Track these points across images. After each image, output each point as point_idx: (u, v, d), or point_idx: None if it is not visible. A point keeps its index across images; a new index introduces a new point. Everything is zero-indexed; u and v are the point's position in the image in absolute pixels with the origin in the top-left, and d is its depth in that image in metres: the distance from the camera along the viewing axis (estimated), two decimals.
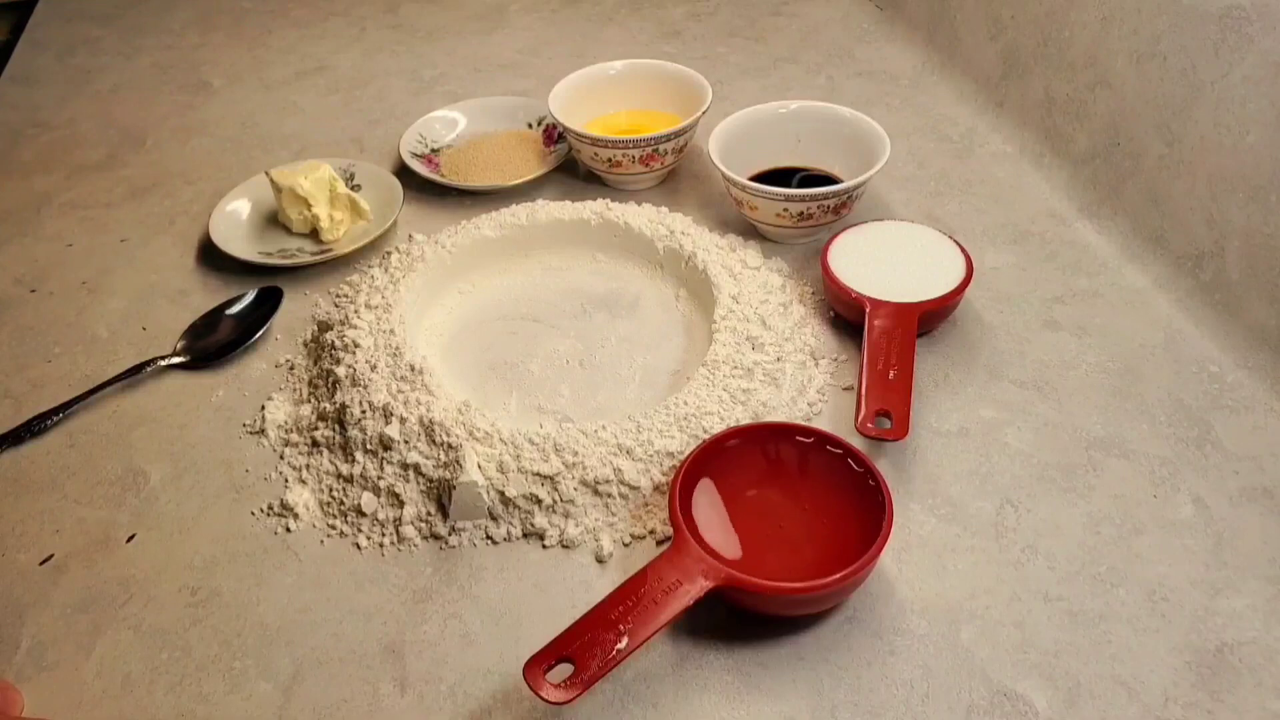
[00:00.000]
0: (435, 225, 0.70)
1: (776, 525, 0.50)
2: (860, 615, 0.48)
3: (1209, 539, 0.50)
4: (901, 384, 0.55)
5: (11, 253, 0.74)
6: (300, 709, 0.46)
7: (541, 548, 0.52)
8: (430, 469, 0.53)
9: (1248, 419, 0.56)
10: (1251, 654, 0.45)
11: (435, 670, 0.47)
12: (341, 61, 0.98)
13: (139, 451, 0.58)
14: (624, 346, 0.63)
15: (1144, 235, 0.66)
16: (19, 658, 0.48)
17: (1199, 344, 0.61)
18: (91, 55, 1.01)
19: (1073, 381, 0.59)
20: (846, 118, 0.71)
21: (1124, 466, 0.54)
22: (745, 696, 0.45)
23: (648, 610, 0.44)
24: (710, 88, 0.75)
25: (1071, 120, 0.73)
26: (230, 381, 0.63)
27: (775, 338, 0.59)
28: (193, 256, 0.73)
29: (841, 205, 0.67)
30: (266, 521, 0.54)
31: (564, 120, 0.74)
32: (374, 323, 0.60)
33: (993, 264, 0.67)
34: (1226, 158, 0.60)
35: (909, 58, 0.92)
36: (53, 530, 0.54)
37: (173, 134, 0.88)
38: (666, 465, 0.53)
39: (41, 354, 0.65)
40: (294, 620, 0.49)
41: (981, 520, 0.52)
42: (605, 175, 0.76)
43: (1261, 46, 0.58)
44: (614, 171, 0.75)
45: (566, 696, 0.42)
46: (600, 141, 0.72)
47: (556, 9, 1.05)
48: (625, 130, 0.77)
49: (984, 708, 0.44)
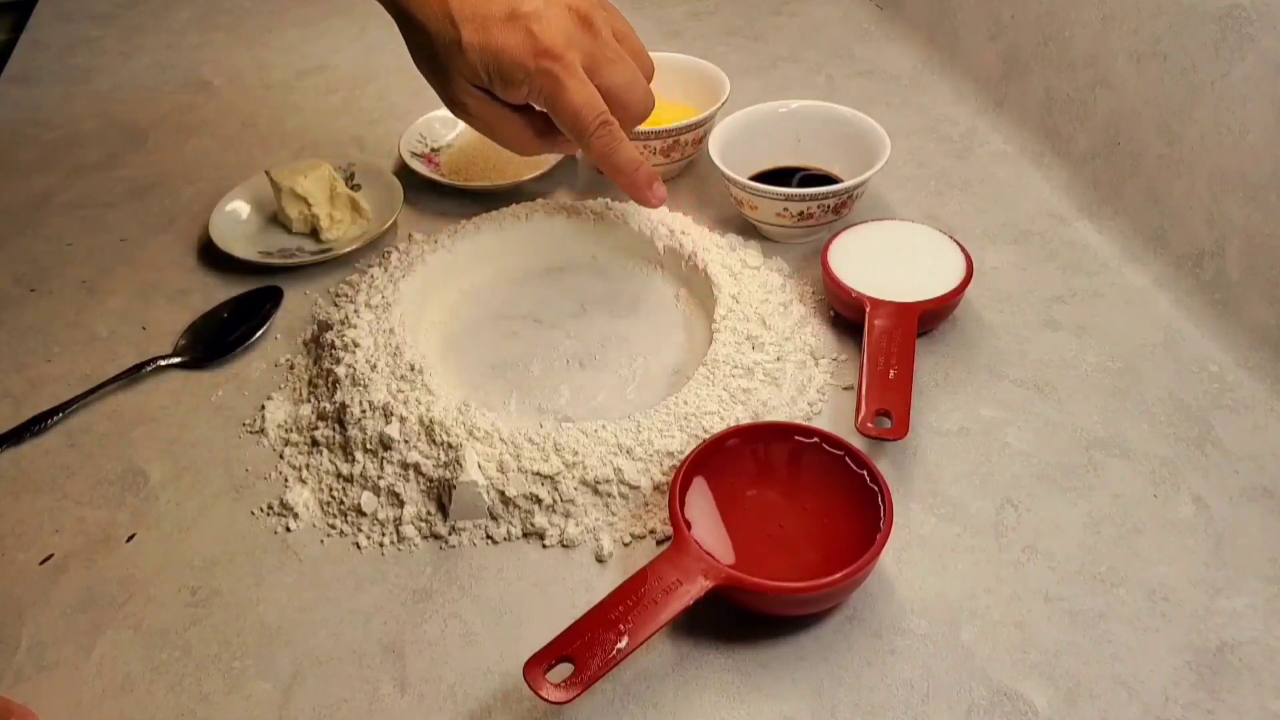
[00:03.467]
0: (435, 225, 0.70)
1: (776, 525, 0.50)
2: (860, 615, 0.48)
3: (1209, 539, 0.50)
4: (901, 384, 0.55)
5: (11, 252, 0.74)
6: (300, 709, 0.46)
7: (541, 547, 0.52)
8: (430, 468, 0.53)
9: (1248, 419, 0.56)
10: (1251, 654, 0.46)
11: (435, 670, 0.47)
12: (342, 61, 0.98)
13: (139, 451, 0.58)
14: (624, 346, 0.63)
15: (1144, 235, 0.66)
16: (19, 658, 0.48)
17: (1199, 344, 0.61)
18: (91, 55, 1.01)
19: (1073, 381, 0.59)
20: (846, 117, 0.71)
21: (1124, 466, 0.54)
22: (745, 696, 0.45)
23: (648, 610, 0.44)
24: (728, 80, 0.76)
25: (1072, 120, 0.73)
26: (230, 381, 0.63)
27: (775, 337, 0.59)
28: (193, 256, 0.73)
29: (841, 205, 0.67)
30: (266, 521, 0.54)
31: None
32: (374, 322, 0.60)
33: (993, 264, 0.67)
34: (1227, 157, 0.60)
35: (909, 57, 0.91)
36: (53, 530, 0.54)
37: (173, 134, 0.88)
38: (666, 465, 0.53)
39: (41, 354, 0.65)
40: (294, 620, 0.49)
41: (981, 520, 0.52)
42: None
43: (1261, 46, 0.58)
44: None
45: (566, 696, 0.42)
46: None
47: None
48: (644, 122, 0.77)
49: (984, 707, 0.44)
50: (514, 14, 0.54)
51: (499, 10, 0.55)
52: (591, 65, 0.56)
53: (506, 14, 0.54)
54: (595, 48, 0.57)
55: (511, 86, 0.56)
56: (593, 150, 0.58)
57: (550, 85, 0.55)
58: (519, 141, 0.61)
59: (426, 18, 0.55)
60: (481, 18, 0.54)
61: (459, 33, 0.54)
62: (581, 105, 0.56)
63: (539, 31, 0.54)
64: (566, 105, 0.56)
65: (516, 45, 0.54)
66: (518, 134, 0.60)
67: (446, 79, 0.57)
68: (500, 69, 0.55)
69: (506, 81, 0.56)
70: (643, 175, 0.60)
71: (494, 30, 0.54)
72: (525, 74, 0.55)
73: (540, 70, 0.55)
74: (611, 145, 0.58)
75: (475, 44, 0.54)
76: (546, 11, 0.55)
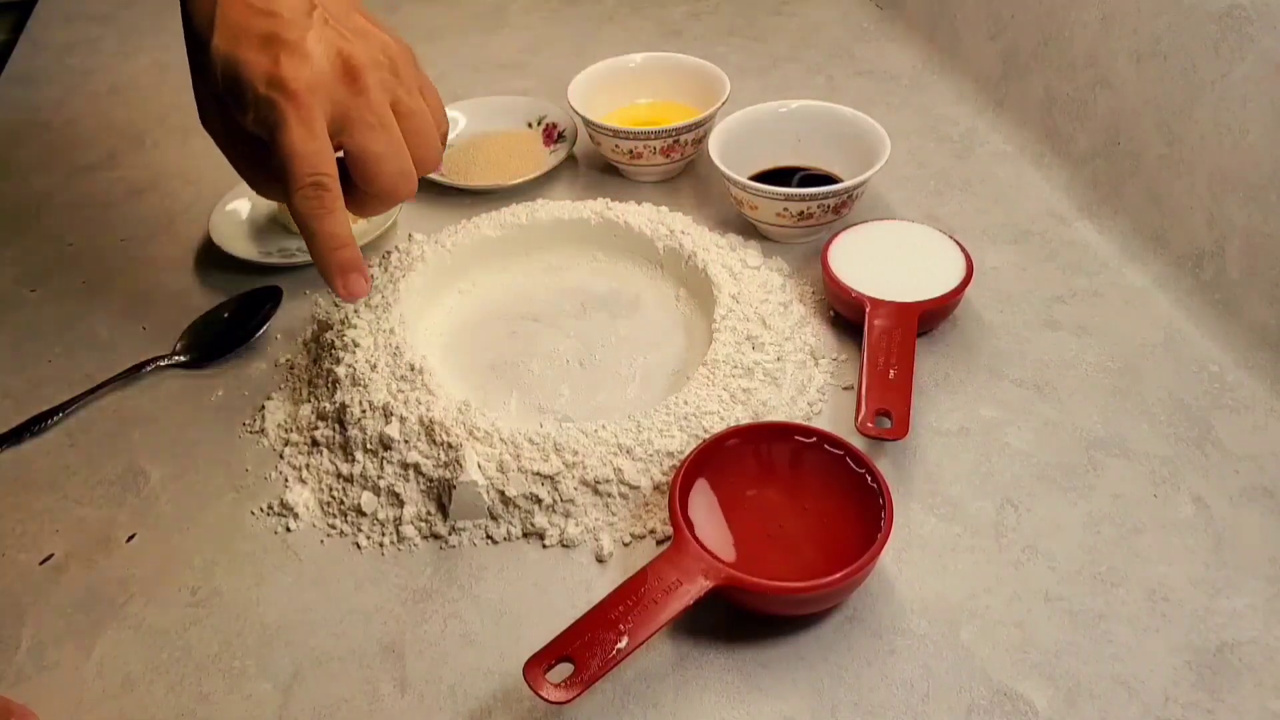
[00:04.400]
0: (435, 225, 0.70)
1: (776, 525, 0.50)
2: (860, 615, 0.48)
3: (1209, 539, 0.50)
4: (901, 383, 0.55)
5: (11, 252, 0.74)
6: (300, 709, 0.46)
7: (541, 547, 0.52)
8: (430, 468, 0.53)
9: (1248, 419, 0.56)
10: (1251, 654, 0.46)
11: (435, 670, 0.47)
12: None
13: (139, 451, 0.58)
14: (624, 346, 0.63)
15: (1144, 235, 0.66)
16: (19, 658, 0.48)
17: (1199, 344, 0.61)
18: (91, 55, 1.01)
19: (1073, 381, 0.59)
20: (846, 117, 0.71)
21: (1124, 466, 0.54)
22: (745, 696, 0.45)
23: (648, 610, 0.44)
24: (728, 79, 0.76)
25: (1072, 120, 0.73)
26: (230, 381, 0.63)
27: (775, 337, 0.59)
28: (193, 256, 0.73)
29: (841, 205, 0.67)
30: (266, 521, 0.54)
31: (584, 112, 0.74)
32: (374, 322, 0.60)
33: (993, 264, 0.67)
34: (1227, 157, 0.60)
35: (909, 57, 0.91)
36: (53, 530, 0.54)
37: (172, 134, 0.87)
38: (666, 465, 0.53)
39: (41, 354, 0.65)
40: (294, 620, 0.49)
41: (981, 520, 0.52)
42: (624, 167, 0.76)
43: (1261, 46, 0.58)
44: (634, 163, 0.75)
45: (566, 696, 0.42)
46: (622, 133, 0.73)
47: (557, 8, 1.05)
48: (645, 122, 0.77)
49: (984, 707, 0.44)
50: (271, 38, 0.49)
51: (259, 29, 0.49)
52: (342, 123, 0.50)
53: (264, 35, 0.49)
54: (352, 106, 0.50)
55: (239, 107, 0.50)
56: (295, 209, 0.50)
57: (273, 120, 0.48)
58: (243, 173, 0.56)
59: (195, 11, 0.51)
60: (239, 29, 0.49)
61: (212, 36, 0.50)
62: (298, 154, 0.48)
63: (284, 62, 0.48)
64: (282, 148, 0.49)
65: (255, 66, 0.49)
66: (242, 165, 0.55)
67: (195, 80, 0.53)
68: (233, 84, 0.49)
69: (235, 99, 0.50)
70: (338, 259, 0.52)
71: (243, 45, 0.49)
72: (253, 98, 0.49)
73: (266, 99, 0.48)
74: (316, 210, 0.50)
75: (220, 51, 0.49)
76: (309, 49, 0.49)
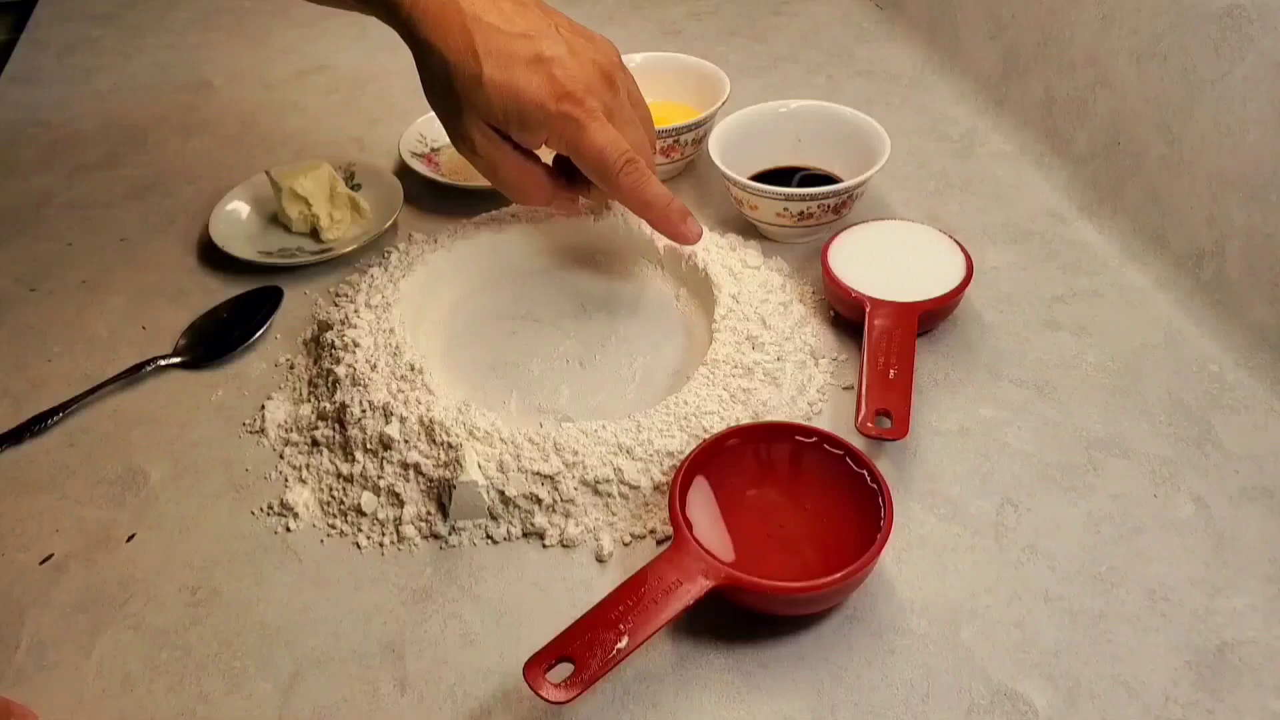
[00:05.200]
0: (435, 225, 0.70)
1: (776, 524, 0.50)
2: (860, 615, 0.48)
3: (1209, 539, 0.50)
4: (901, 383, 0.55)
5: (11, 252, 0.74)
6: (300, 709, 0.46)
7: (541, 547, 0.52)
8: (430, 468, 0.53)
9: (1248, 419, 0.56)
10: (1251, 654, 0.46)
11: (435, 670, 0.47)
12: (342, 61, 0.98)
13: (139, 451, 0.58)
14: (624, 346, 0.63)
15: (1144, 235, 0.66)
16: (19, 658, 0.48)
17: (1199, 344, 0.61)
18: (91, 55, 1.01)
19: (1073, 381, 0.59)
20: (846, 117, 0.71)
21: (1124, 466, 0.54)
22: (745, 696, 0.45)
23: (648, 610, 0.44)
24: (728, 79, 0.76)
25: (1072, 120, 0.73)
26: (230, 381, 0.63)
27: (775, 337, 0.59)
28: (193, 256, 0.73)
29: (841, 205, 0.67)
30: (266, 521, 0.54)
31: None
32: (374, 322, 0.60)
33: (993, 264, 0.67)
34: (1227, 157, 0.60)
35: (909, 57, 0.91)
36: (53, 530, 0.54)
37: (173, 134, 0.88)
38: (666, 465, 0.53)
39: (41, 353, 0.65)
40: (294, 620, 0.49)
41: (981, 520, 0.52)
42: None
43: (1261, 46, 0.58)
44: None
45: (566, 696, 0.42)
46: None
47: (556, 8, 1.05)
48: None
49: (984, 707, 0.44)
50: (539, 57, 0.54)
51: (524, 51, 0.54)
52: (610, 118, 0.56)
53: (531, 56, 0.54)
54: (614, 104, 0.57)
55: (529, 129, 0.56)
56: (621, 189, 0.57)
57: (572, 129, 0.55)
58: (522, 187, 0.60)
59: (448, 49, 0.54)
60: (506, 55, 0.54)
61: (481, 68, 0.53)
62: (606, 145, 0.55)
63: (561, 76, 0.54)
64: (590, 145, 0.55)
65: (538, 87, 0.54)
66: (522, 179, 0.60)
67: (459, 114, 0.56)
68: (520, 110, 0.55)
69: (524, 123, 0.55)
70: (675, 210, 0.59)
71: (517, 70, 0.54)
72: (545, 116, 0.54)
73: (561, 114, 0.54)
74: (640, 181, 0.57)
75: (497, 81, 0.54)
76: (570, 59, 0.55)
